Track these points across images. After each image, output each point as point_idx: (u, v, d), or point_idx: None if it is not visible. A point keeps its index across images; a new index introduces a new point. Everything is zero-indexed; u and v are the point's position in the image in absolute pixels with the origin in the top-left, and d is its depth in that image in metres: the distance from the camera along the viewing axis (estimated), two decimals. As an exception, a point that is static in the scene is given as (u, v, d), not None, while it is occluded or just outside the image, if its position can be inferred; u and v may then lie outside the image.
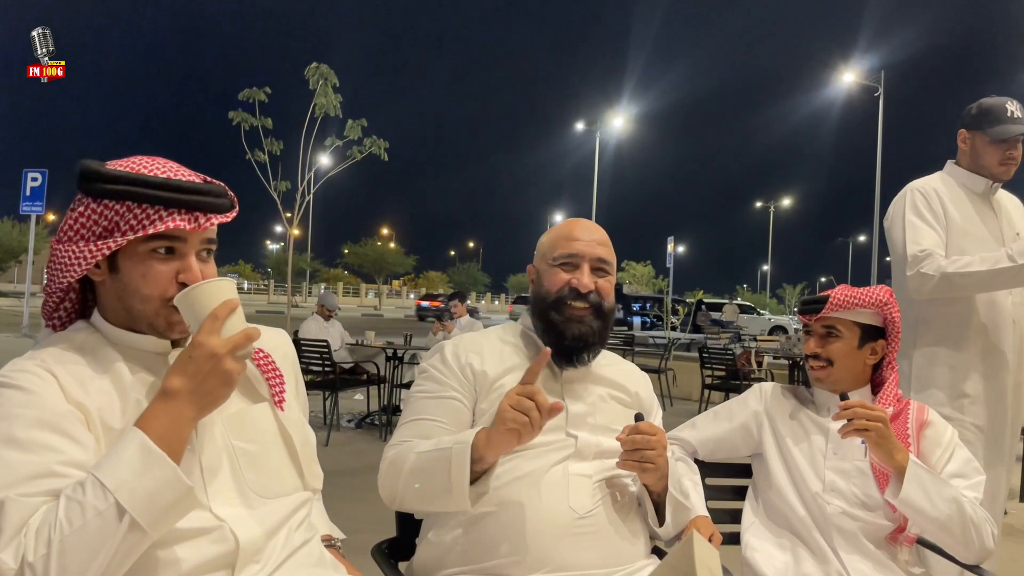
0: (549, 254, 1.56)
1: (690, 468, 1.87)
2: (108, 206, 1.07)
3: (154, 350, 1.14)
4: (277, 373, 1.24)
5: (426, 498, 1.37)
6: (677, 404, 8.91)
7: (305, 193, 8.56)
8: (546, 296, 1.53)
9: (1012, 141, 2.46)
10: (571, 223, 1.60)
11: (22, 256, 34.72)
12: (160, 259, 1.09)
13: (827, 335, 1.82)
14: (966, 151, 2.57)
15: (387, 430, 6.29)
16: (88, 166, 1.08)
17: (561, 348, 1.50)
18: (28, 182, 13.63)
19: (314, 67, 8.45)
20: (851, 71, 24.41)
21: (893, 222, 2.55)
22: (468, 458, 1.29)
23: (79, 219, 1.08)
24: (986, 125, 2.47)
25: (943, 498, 1.57)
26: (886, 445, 1.60)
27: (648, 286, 39.69)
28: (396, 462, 1.42)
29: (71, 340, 1.12)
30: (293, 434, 1.21)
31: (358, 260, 55.63)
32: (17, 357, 1.08)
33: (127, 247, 1.08)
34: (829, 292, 1.83)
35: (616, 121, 32.75)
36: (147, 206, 1.06)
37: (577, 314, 1.50)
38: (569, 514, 1.39)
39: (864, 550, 1.67)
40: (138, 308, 1.10)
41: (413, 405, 1.52)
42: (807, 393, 1.92)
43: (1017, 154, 2.50)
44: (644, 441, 1.37)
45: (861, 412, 1.59)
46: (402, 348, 6.87)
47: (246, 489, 1.12)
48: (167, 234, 1.08)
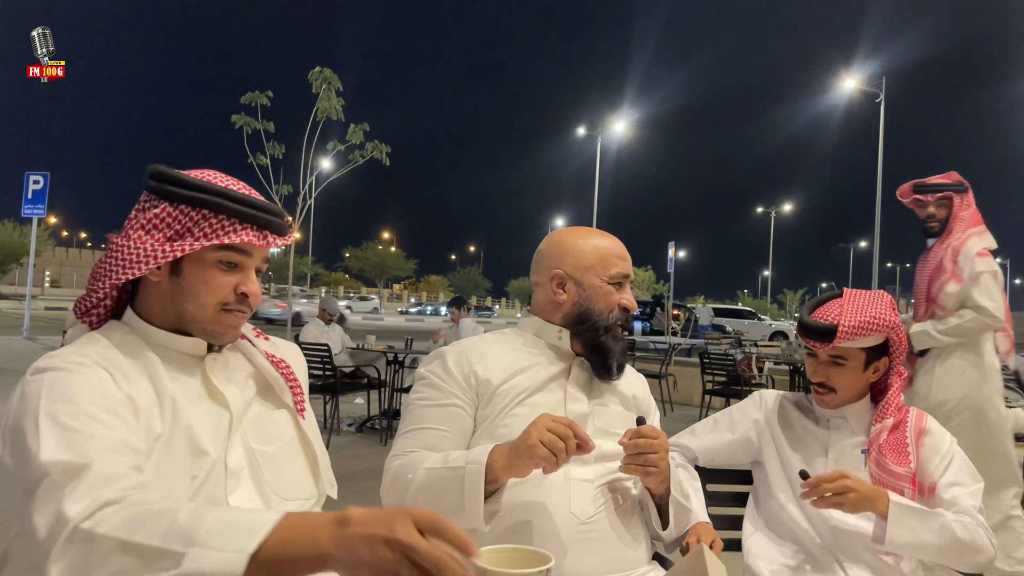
0: (603, 271, 1.55)
1: (691, 474, 1.86)
2: (184, 211, 1.11)
3: (192, 352, 1.16)
4: (298, 383, 1.27)
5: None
6: (678, 410, 8.89)
7: (307, 197, 8.58)
8: (599, 314, 1.53)
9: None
10: (611, 238, 1.61)
11: (23, 259, 34.73)
12: (223, 270, 1.14)
13: (832, 363, 1.76)
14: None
15: (388, 434, 6.28)
16: (168, 170, 1.12)
17: (604, 366, 1.54)
18: (30, 185, 13.66)
19: (317, 71, 8.47)
20: (852, 77, 24.46)
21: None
22: (482, 480, 1.28)
23: (154, 219, 1.11)
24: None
25: (930, 530, 1.56)
26: (864, 503, 1.58)
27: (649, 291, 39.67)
28: (401, 475, 1.40)
29: (110, 338, 1.13)
30: (313, 441, 1.23)
31: (359, 264, 55.72)
32: (49, 352, 1.08)
33: (194, 253, 1.11)
34: (836, 319, 1.72)
35: (617, 126, 32.75)
36: (223, 217, 1.11)
37: (621, 334, 1.55)
38: (571, 519, 1.39)
39: (866, 559, 1.66)
40: (192, 312, 1.13)
41: (414, 413, 1.50)
42: (807, 402, 1.91)
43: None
44: (647, 444, 1.37)
45: (825, 486, 1.56)
46: (403, 352, 6.87)
47: (266, 489, 1.14)
48: (237, 247, 1.13)
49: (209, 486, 1.07)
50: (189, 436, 1.07)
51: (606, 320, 1.53)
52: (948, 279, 3.20)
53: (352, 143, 8.71)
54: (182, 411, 1.08)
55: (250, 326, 1.30)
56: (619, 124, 32.86)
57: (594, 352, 1.54)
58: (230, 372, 1.19)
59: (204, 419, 1.11)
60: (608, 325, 1.53)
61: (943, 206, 3.31)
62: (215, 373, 1.17)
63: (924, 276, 3.32)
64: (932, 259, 3.31)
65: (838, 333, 1.70)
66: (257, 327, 1.34)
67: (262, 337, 1.31)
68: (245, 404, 1.17)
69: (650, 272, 42.95)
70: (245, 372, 1.22)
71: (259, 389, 1.22)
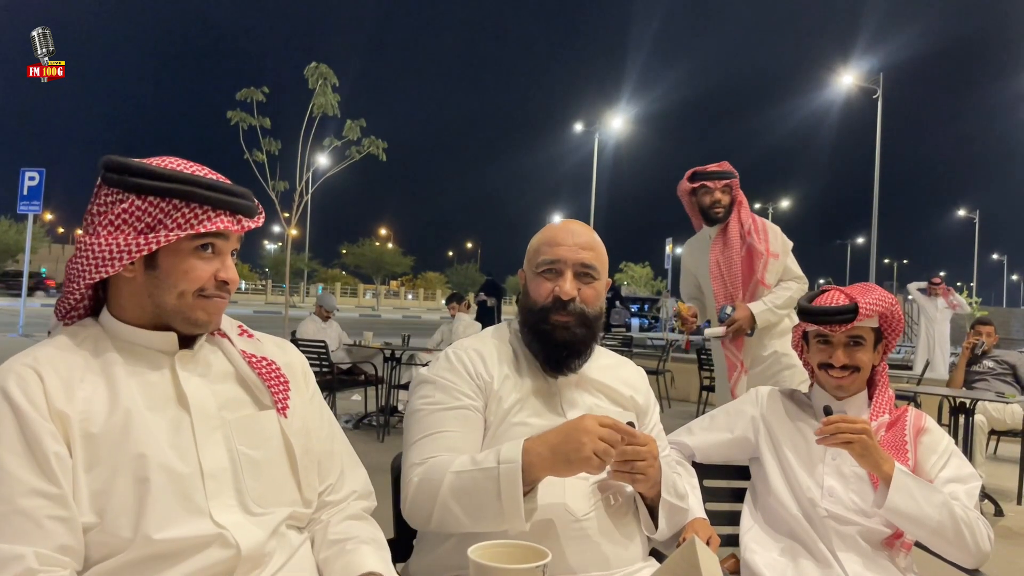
0: (533, 260, 1.53)
1: (688, 471, 1.86)
2: (153, 203, 1.09)
3: (163, 348, 1.14)
4: (281, 380, 1.23)
5: (472, 521, 1.31)
6: (675, 406, 8.91)
7: (303, 193, 8.55)
8: (532, 306, 1.50)
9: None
10: (555, 227, 1.55)
11: (19, 255, 34.64)
12: (203, 257, 1.13)
13: (851, 343, 1.76)
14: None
15: (385, 431, 6.28)
16: (129, 162, 1.10)
17: (549, 358, 1.49)
18: (25, 181, 13.61)
19: (313, 67, 8.43)
20: (850, 73, 24.45)
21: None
22: (519, 479, 1.26)
23: (122, 214, 1.09)
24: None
25: (932, 504, 1.57)
26: (871, 456, 1.60)
27: (647, 288, 39.70)
28: (429, 483, 1.35)
29: (75, 336, 1.13)
30: (295, 444, 1.20)
31: (356, 260, 55.64)
32: (18, 352, 1.09)
33: (169, 244, 1.10)
34: (855, 299, 1.73)
35: (615, 122, 32.73)
36: (195, 205, 1.10)
37: (561, 323, 1.47)
38: (566, 517, 1.38)
39: (864, 554, 1.67)
40: (173, 303, 1.12)
41: (425, 420, 1.44)
42: (803, 397, 1.91)
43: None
44: (634, 452, 1.34)
45: (844, 426, 1.59)
46: (400, 349, 6.87)
47: (246, 497, 1.11)
48: (214, 233, 1.12)
49: (173, 489, 1.05)
50: (137, 437, 1.04)
51: (536, 307, 1.49)
52: (768, 257, 3.37)
53: (349, 139, 8.69)
54: (135, 411, 1.06)
55: (235, 323, 1.28)
56: (616, 120, 32.86)
57: (538, 344, 1.50)
58: (204, 370, 1.17)
59: (161, 420, 1.08)
60: (537, 311, 1.48)
61: (727, 192, 3.45)
62: (186, 370, 1.14)
63: (734, 261, 3.42)
64: (732, 243, 3.43)
65: (860, 309, 1.72)
66: (243, 324, 1.31)
67: (245, 335, 1.28)
68: (218, 404, 1.14)
69: (648, 268, 42.97)
70: (223, 370, 1.19)
71: (245, 389, 1.19)
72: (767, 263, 3.37)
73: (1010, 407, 5.05)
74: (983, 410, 5.00)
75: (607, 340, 10.83)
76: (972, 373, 5.43)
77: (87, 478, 1.02)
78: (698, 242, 3.64)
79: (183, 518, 1.04)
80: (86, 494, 1.01)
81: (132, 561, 1.01)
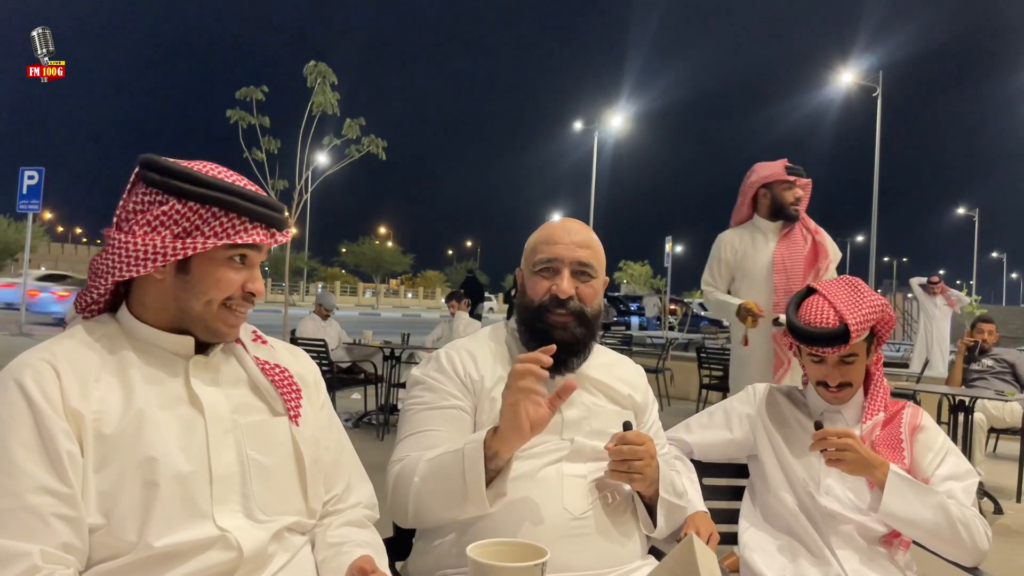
0: (531, 259, 1.54)
1: (687, 466, 1.86)
2: (193, 208, 1.09)
3: (178, 352, 1.14)
4: (294, 388, 1.23)
5: (442, 505, 1.33)
6: (675, 404, 8.91)
7: (303, 192, 8.54)
8: (528, 304, 1.50)
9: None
10: (552, 225, 1.55)
11: (18, 254, 34.62)
12: (234, 267, 1.14)
13: (843, 362, 1.74)
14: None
15: (384, 429, 6.28)
16: (171, 164, 1.10)
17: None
18: (25, 180, 13.60)
19: (312, 65, 8.42)
20: (850, 71, 24.47)
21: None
22: (482, 455, 1.26)
23: (161, 216, 1.09)
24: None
25: (927, 505, 1.57)
26: (861, 466, 1.60)
27: (646, 286, 39.71)
28: (404, 475, 1.38)
29: (92, 331, 1.13)
30: (305, 452, 1.20)
31: (355, 259, 55.65)
32: (35, 346, 1.09)
33: (205, 251, 1.10)
34: (838, 319, 1.67)
35: (614, 120, 32.71)
36: (235, 216, 1.11)
37: (559, 322, 1.47)
38: (564, 515, 1.38)
39: (862, 551, 1.67)
40: (198, 310, 1.12)
41: (412, 418, 1.47)
42: (800, 394, 1.91)
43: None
44: (631, 452, 1.35)
45: (832, 441, 1.59)
46: (399, 347, 6.87)
47: (251, 503, 1.11)
48: (249, 244, 1.13)
49: (182, 494, 1.05)
50: (149, 440, 1.05)
51: (533, 305, 1.49)
52: (827, 259, 3.46)
53: (348, 138, 8.68)
54: (148, 413, 1.06)
55: (249, 328, 1.28)
56: (616, 119, 32.84)
57: (530, 345, 1.48)
58: (217, 375, 1.17)
59: (172, 423, 1.08)
60: (534, 309, 1.48)
61: (805, 190, 3.48)
62: (199, 375, 1.14)
63: (799, 257, 3.42)
64: (797, 240, 3.44)
65: (851, 333, 1.67)
66: (257, 329, 1.31)
67: (260, 341, 1.29)
68: (230, 409, 1.14)
69: (647, 267, 42.96)
70: (236, 376, 1.19)
71: (258, 395, 1.20)
72: (829, 265, 3.47)
73: (1009, 405, 5.05)
74: (982, 408, 5.01)
75: (607, 339, 10.83)
76: (971, 371, 5.44)
77: (96, 479, 1.02)
78: (748, 234, 3.58)
79: (187, 523, 1.04)
80: (94, 495, 1.02)
81: (134, 563, 1.02)
